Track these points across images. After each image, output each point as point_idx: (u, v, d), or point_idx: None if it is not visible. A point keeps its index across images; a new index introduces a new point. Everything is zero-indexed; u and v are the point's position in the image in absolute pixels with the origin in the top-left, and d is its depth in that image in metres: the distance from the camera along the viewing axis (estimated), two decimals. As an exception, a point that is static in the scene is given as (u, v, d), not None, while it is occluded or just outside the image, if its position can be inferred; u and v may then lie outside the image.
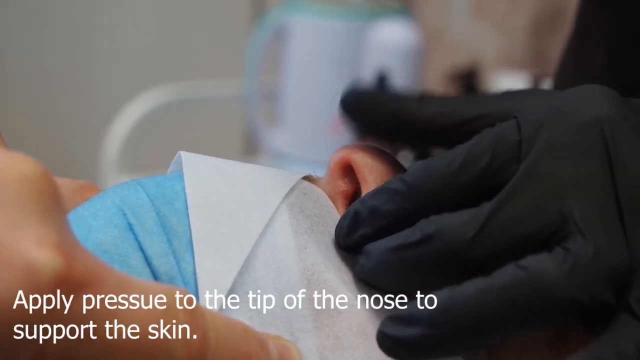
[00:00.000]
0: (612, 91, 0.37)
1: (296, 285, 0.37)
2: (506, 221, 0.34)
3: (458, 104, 0.39)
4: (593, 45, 0.59)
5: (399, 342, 0.34)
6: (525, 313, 0.33)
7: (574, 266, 0.33)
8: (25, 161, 0.27)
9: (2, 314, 0.25)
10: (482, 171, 0.36)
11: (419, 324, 0.33)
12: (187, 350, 0.29)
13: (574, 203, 0.34)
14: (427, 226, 0.35)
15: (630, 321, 0.33)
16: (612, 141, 0.35)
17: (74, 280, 0.26)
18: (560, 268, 0.33)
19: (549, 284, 0.33)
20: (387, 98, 0.39)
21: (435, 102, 0.39)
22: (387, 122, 0.39)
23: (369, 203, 0.37)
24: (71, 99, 2.00)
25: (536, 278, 0.33)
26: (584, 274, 0.33)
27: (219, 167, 0.39)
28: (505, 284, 0.33)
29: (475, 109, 0.38)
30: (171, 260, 0.36)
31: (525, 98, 0.38)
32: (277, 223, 0.38)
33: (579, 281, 0.33)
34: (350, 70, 1.52)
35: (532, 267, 0.33)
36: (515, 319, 0.33)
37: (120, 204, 0.37)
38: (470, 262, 0.34)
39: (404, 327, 0.34)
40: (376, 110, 0.39)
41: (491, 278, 0.33)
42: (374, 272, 0.37)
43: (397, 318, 0.34)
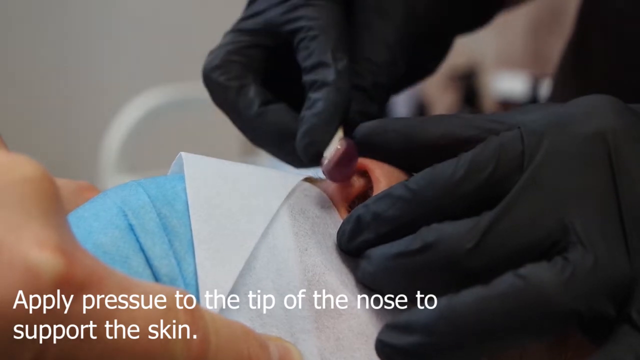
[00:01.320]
0: (618, 101, 0.36)
1: (297, 286, 0.37)
2: (506, 231, 0.34)
3: (461, 123, 0.39)
4: (593, 47, 0.59)
5: (397, 350, 0.33)
6: (523, 322, 0.32)
7: (572, 276, 0.33)
8: (25, 162, 0.27)
9: (3, 315, 0.25)
10: (485, 181, 0.36)
11: (417, 331, 0.33)
12: (188, 351, 0.29)
13: (575, 214, 0.34)
14: (428, 234, 0.35)
15: (631, 332, 0.33)
16: (615, 152, 0.35)
17: (74, 281, 0.26)
18: (559, 277, 0.33)
19: (547, 293, 0.32)
20: (395, 122, 0.40)
21: (439, 122, 0.40)
22: (395, 146, 0.40)
23: (372, 208, 0.37)
24: (70, 99, 2.01)
25: (534, 287, 0.32)
26: (583, 284, 0.33)
27: (220, 169, 0.39)
28: (503, 292, 0.33)
29: (479, 127, 0.38)
30: (172, 261, 0.36)
31: (530, 111, 0.38)
32: (278, 224, 0.38)
33: (578, 291, 0.32)
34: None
35: (531, 276, 0.33)
36: (513, 328, 0.33)
37: (121, 204, 0.37)
38: (470, 271, 0.34)
39: (402, 335, 0.33)
40: (385, 134, 0.40)
41: (489, 286, 0.33)
42: (375, 278, 0.37)
43: (394, 326, 0.34)
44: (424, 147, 0.39)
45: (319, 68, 0.44)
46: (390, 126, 0.40)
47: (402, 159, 0.40)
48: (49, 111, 1.99)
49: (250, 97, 0.46)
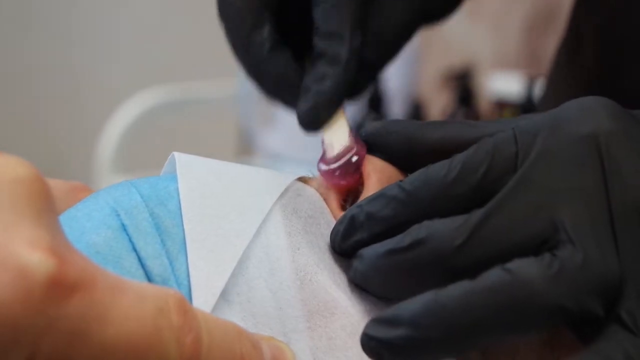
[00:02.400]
0: (611, 103, 0.36)
1: (289, 286, 0.37)
2: (496, 229, 0.34)
3: (460, 127, 0.39)
4: (585, 47, 0.59)
5: (383, 343, 0.33)
6: (509, 315, 0.32)
7: (560, 272, 0.33)
8: (17, 163, 0.27)
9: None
10: (478, 182, 0.36)
11: (403, 325, 0.33)
12: (180, 351, 0.29)
13: (566, 212, 0.34)
14: (418, 232, 0.35)
15: (620, 332, 0.33)
16: (607, 153, 0.35)
17: (66, 281, 0.26)
18: (546, 272, 0.33)
19: (533, 287, 0.32)
20: (396, 124, 0.41)
21: (439, 125, 0.40)
22: (397, 147, 0.41)
23: (366, 208, 0.37)
24: (66, 99, 2.00)
25: (520, 281, 0.32)
26: (570, 280, 0.33)
27: (213, 168, 0.39)
28: (489, 286, 0.33)
29: (479, 130, 0.39)
30: (165, 261, 0.36)
31: (528, 117, 0.38)
32: (270, 224, 0.38)
33: (564, 287, 0.32)
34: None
35: (518, 270, 0.33)
36: (499, 321, 0.33)
37: (114, 204, 0.37)
38: (459, 268, 0.34)
39: (388, 328, 0.33)
40: (388, 135, 0.41)
41: (476, 280, 0.33)
42: (366, 276, 0.37)
43: (380, 320, 0.34)
44: (423, 150, 0.39)
45: (333, 39, 0.44)
46: (392, 128, 0.41)
47: (403, 160, 0.41)
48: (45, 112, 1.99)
49: (263, 37, 0.45)
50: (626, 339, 0.33)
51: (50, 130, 1.99)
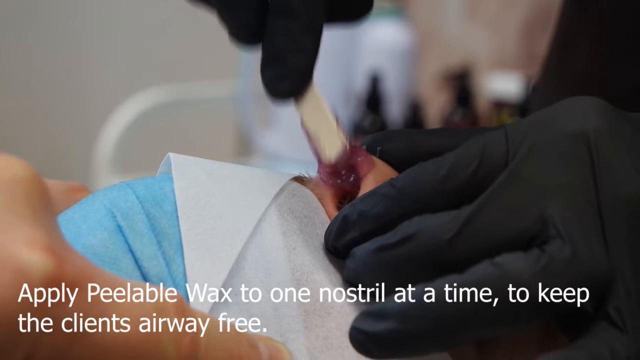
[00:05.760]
0: (602, 103, 0.37)
1: (285, 285, 0.37)
2: (485, 223, 0.34)
3: (459, 131, 0.40)
4: (575, 46, 0.59)
5: (370, 336, 0.33)
6: (497, 309, 0.33)
7: (547, 266, 0.33)
8: (15, 163, 0.27)
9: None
10: (468, 178, 0.36)
11: (390, 317, 0.33)
12: (178, 351, 0.29)
13: (555, 208, 0.34)
14: (408, 227, 0.35)
15: (607, 328, 0.33)
16: (596, 150, 0.35)
17: (64, 280, 0.26)
18: (533, 266, 0.33)
19: (520, 281, 0.33)
20: (401, 131, 0.41)
21: (438, 131, 0.40)
22: (400, 153, 0.41)
23: (358, 207, 0.37)
24: (64, 100, 2.00)
25: (508, 275, 0.33)
26: (557, 274, 0.33)
27: (208, 169, 0.39)
28: (477, 279, 0.33)
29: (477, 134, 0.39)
30: (161, 262, 0.36)
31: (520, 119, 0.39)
32: (266, 224, 0.38)
33: (552, 281, 0.33)
34: (344, 71, 1.53)
35: (506, 264, 0.33)
36: (487, 315, 0.33)
37: (110, 206, 0.37)
38: (449, 263, 0.34)
39: (376, 321, 0.33)
40: (392, 142, 0.41)
41: (465, 274, 0.33)
42: (357, 274, 0.37)
43: (369, 313, 0.34)
44: (422, 155, 0.40)
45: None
46: (392, 136, 0.41)
47: (403, 167, 0.41)
48: (43, 112, 1.99)
49: None
50: (613, 336, 0.33)
51: (49, 130, 1.99)
